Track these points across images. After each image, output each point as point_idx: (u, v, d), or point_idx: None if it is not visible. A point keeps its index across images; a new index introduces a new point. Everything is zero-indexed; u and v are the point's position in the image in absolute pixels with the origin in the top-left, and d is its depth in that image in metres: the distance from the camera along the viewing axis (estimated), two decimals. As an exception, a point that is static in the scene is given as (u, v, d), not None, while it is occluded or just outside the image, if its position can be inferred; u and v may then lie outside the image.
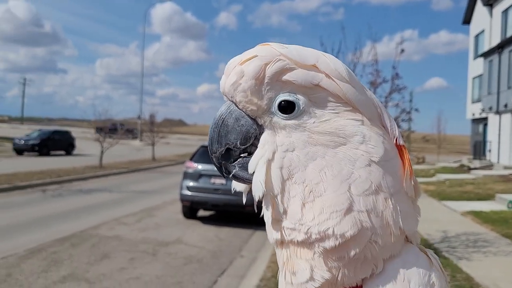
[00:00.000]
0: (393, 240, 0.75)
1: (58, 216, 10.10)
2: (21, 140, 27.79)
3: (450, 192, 15.38)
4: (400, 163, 0.80)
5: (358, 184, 0.74)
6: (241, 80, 0.77)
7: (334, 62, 0.78)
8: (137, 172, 21.25)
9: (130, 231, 9.02)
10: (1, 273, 6.12)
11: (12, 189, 13.49)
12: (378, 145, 0.77)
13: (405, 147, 0.82)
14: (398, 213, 0.76)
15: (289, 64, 0.76)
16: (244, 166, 0.82)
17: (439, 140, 43.31)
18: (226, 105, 0.83)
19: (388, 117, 0.82)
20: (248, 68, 0.76)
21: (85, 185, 15.58)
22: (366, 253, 0.74)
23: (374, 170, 0.75)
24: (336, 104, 0.77)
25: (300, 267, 0.76)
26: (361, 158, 0.75)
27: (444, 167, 28.24)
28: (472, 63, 34.44)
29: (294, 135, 0.77)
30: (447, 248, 7.69)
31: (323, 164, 0.75)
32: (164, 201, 12.84)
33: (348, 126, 0.76)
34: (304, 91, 0.77)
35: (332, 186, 0.74)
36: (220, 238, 8.92)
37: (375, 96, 0.83)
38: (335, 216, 0.73)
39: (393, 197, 0.76)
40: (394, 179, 0.77)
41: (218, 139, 0.83)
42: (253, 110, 0.79)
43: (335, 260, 0.74)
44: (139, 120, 48.85)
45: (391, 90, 7.31)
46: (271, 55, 0.76)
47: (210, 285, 6.22)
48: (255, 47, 0.80)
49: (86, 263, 6.80)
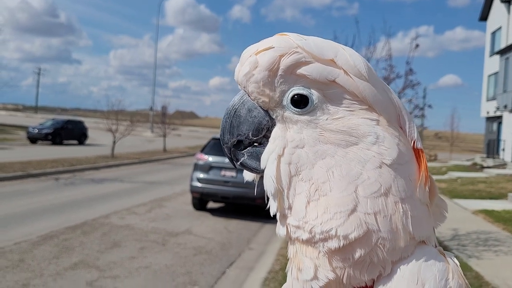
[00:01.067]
0: (402, 244, 0.72)
1: (70, 204, 10.23)
2: (35, 129, 28.10)
3: (461, 190, 15.25)
4: (415, 167, 0.77)
5: (366, 185, 0.72)
6: (255, 70, 0.75)
7: (354, 57, 0.75)
8: (148, 163, 21.40)
9: (141, 221, 9.11)
10: (14, 259, 6.23)
11: (26, 176, 13.68)
12: (392, 147, 0.74)
13: (423, 151, 0.79)
14: (409, 218, 0.73)
15: (305, 57, 0.74)
16: (252, 155, 0.82)
17: (452, 137, 42.89)
18: (240, 95, 0.82)
19: (407, 119, 0.78)
20: (262, 59, 0.75)
21: (97, 175, 15.74)
22: (372, 256, 0.72)
23: (385, 173, 0.73)
24: (352, 102, 0.75)
25: (305, 265, 0.75)
26: (372, 160, 0.73)
27: (457, 165, 27.97)
28: (488, 60, 33.93)
29: (305, 131, 0.76)
30: (457, 246, 7.64)
31: (331, 163, 0.73)
32: (174, 192, 12.93)
33: (362, 126, 0.74)
34: (319, 86, 0.75)
35: (338, 186, 0.72)
36: (229, 230, 8.97)
37: (395, 95, 0.80)
38: (338, 217, 0.71)
39: (405, 201, 0.73)
40: (407, 183, 0.74)
41: (230, 129, 0.82)
42: (265, 101, 0.78)
43: (339, 261, 0.72)
44: (151, 112, 49.11)
45: (405, 86, 7.27)
46: (287, 47, 0.74)
47: (219, 276, 6.26)
48: (272, 37, 0.78)
49: (97, 251, 6.89)
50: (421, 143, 0.79)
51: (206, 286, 5.84)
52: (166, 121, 29.29)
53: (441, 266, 0.73)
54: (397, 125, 0.77)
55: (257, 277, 6.17)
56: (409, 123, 0.78)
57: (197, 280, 6.00)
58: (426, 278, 0.71)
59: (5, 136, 31.54)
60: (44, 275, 5.70)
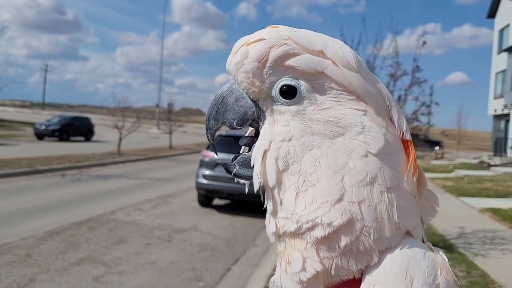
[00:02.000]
0: (388, 234, 0.72)
1: (76, 200, 10.29)
2: (42, 125, 28.31)
3: (468, 189, 15.16)
4: (403, 158, 0.77)
5: (352, 174, 0.72)
6: (245, 60, 0.77)
7: (343, 49, 0.75)
8: (154, 159, 21.46)
9: (146, 217, 9.14)
10: (20, 254, 6.28)
11: (33, 172, 13.77)
12: (378, 136, 0.74)
13: (411, 142, 0.79)
14: (394, 208, 0.73)
15: (293, 48, 0.74)
16: (243, 164, 0.83)
17: (459, 135, 42.66)
18: (229, 83, 0.82)
19: (397, 111, 0.79)
20: (253, 50, 0.76)
21: (103, 171, 15.81)
22: (358, 245, 0.72)
23: (370, 162, 0.73)
24: (339, 92, 0.75)
25: (294, 257, 0.75)
26: (358, 149, 0.73)
27: (463, 163, 27.82)
28: (495, 58, 33.69)
29: (293, 123, 0.76)
30: (463, 244, 7.61)
31: (318, 154, 0.73)
32: (180, 189, 12.96)
33: (349, 116, 0.74)
34: (307, 77, 0.75)
35: (325, 176, 0.72)
36: (235, 226, 8.98)
37: (385, 88, 0.80)
38: (324, 206, 0.71)
39: (391, 191, 0.73)
40: (393, 173, 0.74)
41: (216, 116, 0.83)
42: (254, 92, 0.79)
43: (326, 250, 0.72)
44: (157, 109, 49.24)
45: (411, 83, 7.23)
46: (277, 39, 0.75)
47: (224, 273, 6.28)
48: (264, 29, 0.79)
49: (103, 247, 6.92)
50: (410, 135, 0.79)
51: (211, 282, 5.85)
52: (172, 118, 29.40)
53: (430, 261, 0.73)
54: (386, 116, 0.78)
55: (262, 274, 6.17)
56: (399, 114, 0.79)
57: (202, 276, 6.02)
58: (415, 273, 0.71)
59: (12, 132, 31.78)
60: (51, 270, 5.74)
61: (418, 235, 0.79)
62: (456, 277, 0.78)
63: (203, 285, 5.73)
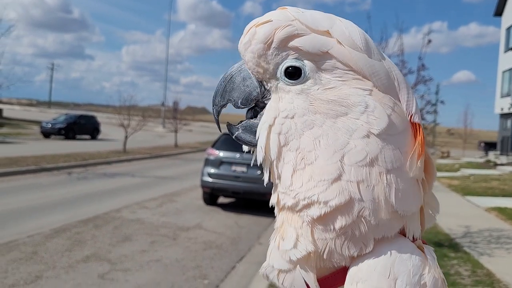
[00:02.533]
0: (384, 217, 0.71)
1: (82, 198, 10.35)
2: (49, 123, 28.45)
3: (474, 188, 15.09)
4: (410, 140, 0.75)
5: (352, 154, 0.71)
6: (252, 41, 0.78)
7: (350, 29, 0.75)
8: (159, 158, 21.52)
9: (152, 215, 9.18)
10: (27, 251, 6.33)
11: (39, 170, 13.85)
12: (382, 117, 0.72)
13: (420, 125, 0.76)
14: (392, 190, 0.71)
15: (298, 29, 0.74)
16: (246, 129, 0.84)
17: (465, 134, 42.44)
18: (239, 63, 0.84)
19: (406, 92, 0.77)
20: (260, 31, 0.77)
21: (109, 169, 15.88)
22: (354, 228, 0.71)
23: (372, 142, 0.72)
24: (345, 72, 0.74)
25: (288, 234, 0.75)
26: (360, 128, 0.72)
27: (470, 162, 27.69)
28: (502, 56, 33.45)
29: (296, 101, 0.76)
30: (468, 244, 7.58)
31: (318, 133, 0.73)
32: (185, 187, 13.00)
33: (353, 95, 0.73)
34: (312, 57, 0.75)
35: (324, 155, 0.72)
36: (240, 225, 9.00)
37: (396, 68, 0.78)
38: (321, 184, 0.71)
39: (391, 172, 0.72)
40: (396, 155, 0.73)
41: (223, 93, 0.84)
42: (259, 72, 0.80)
43: (321, 231, 0.72)
44: (162, 107, 49.35)
45: (417, 82, 7.20)
46: (284, 20, 0.75)
47: (229, 271, 6.30)
48: (274, 11, 0.80)
49: (108, 244, 6.96)
50: (419, 117, 0.76)
51: (216, 280, 5.87)
52: (178, 116, 29.44)
53: (416, 260, 0.72)
54: (395, 97, 0.76)
55: (266, 272, 6.18)
56: (408, 96, 0.76)
57: (207, 274, 6.04)
58: (399, 272, 0.70)
59: (19, 130, 31.97)
60: (57, 267, 5.78)
61: (414, 230, 0.77)
62: (461, 276, 0.77)
63: (208, 282, 5.76)
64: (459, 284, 5.52)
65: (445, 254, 6.78)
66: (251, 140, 0.82)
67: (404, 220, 0.75)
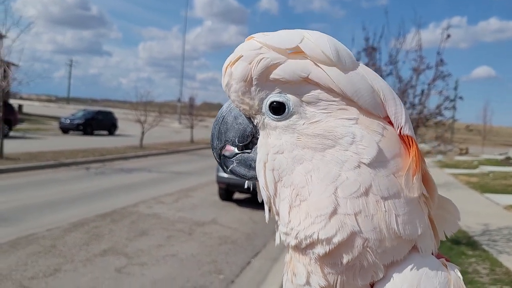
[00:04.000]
0: (389, 244, 0.69)
1: (100, 193, 10.49)
2: (67, 119, 28.84)
3: (493, 185, 14.85)
4: (404, 160, 0.72)
5: (345, 186, 0.69)
6: (232, 82, 0.77)
7: (318, 41, 0.71)
8: (175, 153, 21.67)
9: (168, 210, 9.26)
10: (46, 244, 6.44)
11: (58, 165, 14.07)
12: (371, 145, 0.70)
13: (412, 138, 0.73)
14: (393, 216, 0.69)
15: (272, 59, 0.72)
16: (241, 162, 0.84)
17: (485, 131, 41.70)
18: (228, 103, 0.84)
19: (394, 104, 0.73)
20: (235, 71, 0.75)
21: (126, 164, 16.05)
22: (361, 260, 0.69)
23: (364, 172, 0.70)
24: (329, 102, 0.72)
25: (299, 270, 0.74)
26: (350, 160, 0.70)
27: (489, 159, 27.22)
28: (524, 51, 32.71)
29: (284, 137, 0.75)
30: (487, 242, 7.47)
31: (309, 168, 0.72)
32: (201, 183, 13.07)
33: (339, 127, 0.71)
34: (295, 88, 0.73)
35: (317, 189, 0.70)
36: (255, 220, 9.01)
37: (380, 80, 0.74)
38: (319, 220, 0.69)
39: (388, 199, 0.69)
40: (390, 180, 0.70)
41: (218, 135, 0.84)
42: (245, 109, 0.79)
43: (330, 266, 0.71)
44: (179, 103, 49.62)
45: (435, 77, 7.09)
46: (253, 51, 0.73)
47: (244, 266, 6.32)
48: (242, 44, 0.78)
49: (125, 239, 7.05)
50: (409, 129, 0.73)
51: (231, 275, 5.90)
52: (194, 112, 29.60)
53: (442, 278, 0.70)
54: (383, 113, 0.73)
55: (281, 268, 6.16)
56: (396, 107, 0.73)
57: (222, 269, 6.07)
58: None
59: (38, 126, 32.50)
60: (75, 261, 5.88)
61: (426, 247, 0.74)
62: (479, 274, 0.75)
63: (223, 277, 5.78)
64: (477, 282, 5.45)
65: (463, 252, 6.69)
66: (246, 173, 0.83)
67: (413, 241, 0.73)
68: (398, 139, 0.73)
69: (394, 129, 0.73)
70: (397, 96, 0.75)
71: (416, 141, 0.74)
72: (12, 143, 17.71)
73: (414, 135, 0.74)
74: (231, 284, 5.66)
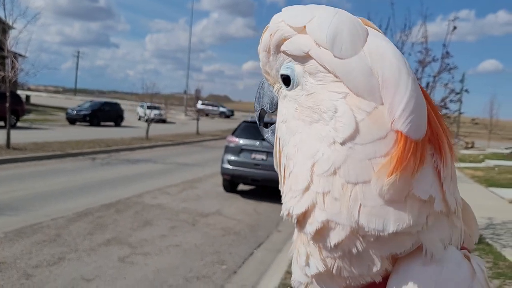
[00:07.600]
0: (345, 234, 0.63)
1: (105, 183, 10.57)
2: (74, 110, 29.01)
3: (499, 179, 14.76)
4: (386, 151, 0.62)
5: (320, 163, 0.65)
6: (260, 50, 0.80)
7: (322, 24, 0.68)
8: (181, 145, 21.73)
9: (172, 201, 9.31)
10: (50, 233, 6.51)
11: (65, 156, 14.18)
12: (349, 123, 0.64)
13: (402, 134, 0.62)
14: (357, 206, 0.62)
15: (285, 32, 0.72)
16: (274, 132, 0.85)
17: (491, 125, 41.37)
18: None
19: (393, 91, 0.63)
20: (262, 41, 0.78)
21: (131, 155, 16.13)
22: (350, 246, 0.64)
23: (337, 151, 0.64)
24: (325, 74, 0.68)
25: (301, 250, 0.73)
26: (328, 136, 0.66)
27: (495, 153, 27.05)
28: (533, 44, 32.35)
29: (288, 106, 0.76)
30: (491, 235, 7.44)
31: (297, 140, 0.71)
32: (206, 174, 13.11)
33: (325, 101, 0.67)
34: (300, 60, 0.72)
35: (299, 163, 0.69)
36: (258, 212, 9.04)
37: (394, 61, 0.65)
38: (295, 195, 0.68)
39: (356, 186, 0.63)
40: (363, 166, 0.63)
41: (258, 99, 0.90)
42: (268, 78, 0.84)
43: (325, 249, 0.67)
44: (185, 95, 49.70)
45: (440, 69, 7.03)
46: (275, 24, 0.74)
47: (246, 257, 6.35)
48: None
49: (129, 229, 7.10)
50: (403, 124, 0.62)
51: (233, 266, 5.93)
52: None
53: (465, 272, 0.65)
54: (378, 99, 0.64)
55: (284, 259, 6.21)
56: (394, 96, 0.63)
57: (225, 260, 6.11)
58: (447, 286, 0.63)
59: (46, 117, 32.70)
60: (79, 250, 5.94)
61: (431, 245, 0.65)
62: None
63: (226, 268, 5.82)
64: (479, 276, 5.43)
65: (466, 246, 6.67)
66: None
67: (416, 236, 0.64)
68: (388, 126, 0.64)
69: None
70: (411, 83, 0.64)
71: (416, 140, 0.63)
72: (19, 133, 17.85)
73: (413, 133, 0.62)
74: (233, 274, 5.69)
